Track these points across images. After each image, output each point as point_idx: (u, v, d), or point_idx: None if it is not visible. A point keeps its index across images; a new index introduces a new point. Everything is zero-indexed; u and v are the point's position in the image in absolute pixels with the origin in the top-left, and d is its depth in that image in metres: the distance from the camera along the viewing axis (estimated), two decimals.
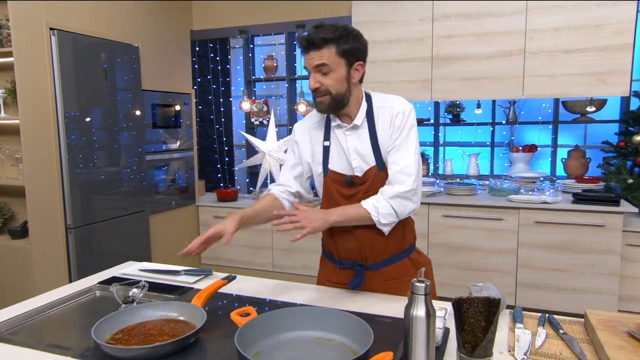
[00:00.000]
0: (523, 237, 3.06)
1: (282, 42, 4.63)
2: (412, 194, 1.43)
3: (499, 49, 3.18)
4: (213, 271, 1.74)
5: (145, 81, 3.44)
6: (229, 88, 4.89)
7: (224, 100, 4.83)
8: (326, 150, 1.54)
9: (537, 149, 3.70)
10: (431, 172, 4.07)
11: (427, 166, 4.00)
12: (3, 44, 2.69)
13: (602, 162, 3.36)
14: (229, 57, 4.91)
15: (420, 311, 1.01)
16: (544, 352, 1.11)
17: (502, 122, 3.85)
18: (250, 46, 4.74)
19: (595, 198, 2.93)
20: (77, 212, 2.89)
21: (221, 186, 4.85)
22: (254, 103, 4.47)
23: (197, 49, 4.59)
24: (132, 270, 1.78)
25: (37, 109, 2.69)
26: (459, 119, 3.95)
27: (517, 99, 3.40)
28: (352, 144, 1.49)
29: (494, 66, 3.21)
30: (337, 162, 1.52)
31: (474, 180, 3.79)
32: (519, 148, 3.71)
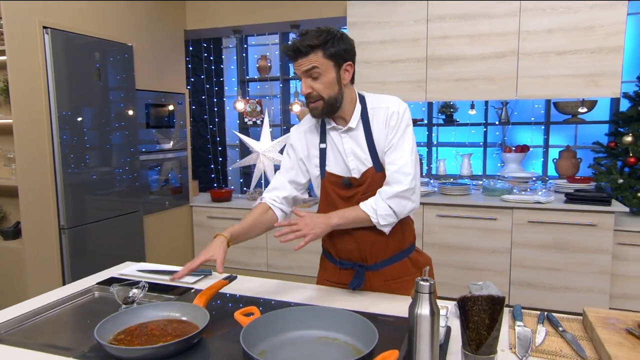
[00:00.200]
0: (516, 237, 3.09)
1: (275, 42, 4.62)
2: (411, 193, 1.44)
3: (492, 50, 3.21)
4: (212, 271, 1.73)
5: (138, 81, 3.41)
6: (222, 88, 4.88)
7: (217, 100, 4.82)
8: (322, 153, 1.54)
9: (529, 149, 3.74)
10: (425, 172, 4.10)
11: (421, 166, 4.02)
12: None
13: (593, 162, 3.41)
14: (222, 57, 4.90)
15: (424, 310, 1.02)
16: (545, 350, 1.13)
17: (496, 122, 3.89)
18: (244, 46, 4.73)
19: (587, 198, 2.97)
20: (70, 213, 2.86)
21: (215, 186, 4.83)
22: (247, 103, 4.46)
23: (190, 48, 4.57)
24: (130, 270, 1.77)
25: (30, 108, 2.66)
26: (452, 120, 3.98)
27: (511, 99, 3.44)
28: (348, 145, 1.50)
29: (487, 67, 3.24)
30: (334, 164, 1.53)
31: (467, 180, 3.82)
32: (511, 148, 3.75)
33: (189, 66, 4.55)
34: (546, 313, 1.32)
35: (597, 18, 2.99)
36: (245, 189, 4.76)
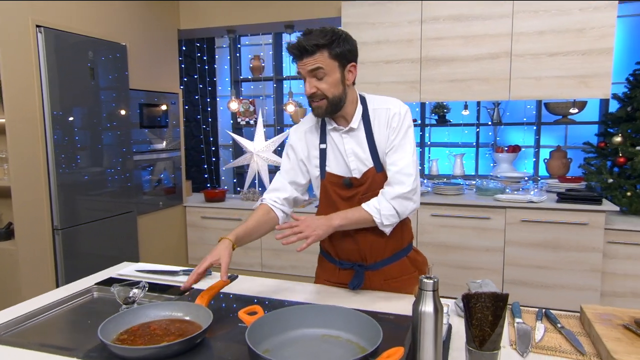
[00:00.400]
0: (510, 236, 3.13)
1: (268, 42, 4.62)
2: (413, 193, 1.45)
3: (486, 52, 3.25)
4: (212, 271, 1.73)
5: (132, 80, 3.39)
6: (215, 88, 4.87)
7: (210, 101, 4.81)
8: (323, 153, 1.55)
9: (520, 149, 3.79)
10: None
11: None
12: None
13: (583, 162, 3.46)
14: (215, 57, 4.89)
15: (428, 307, 1.04)
16: (544, 346, 1.15)
17: (488, 123, 3.93)
18: (238, 46, 4.73)
19: (578, 197, 3.02)
20: (64, 213, 2.83)
21: (208, 187, 4.82)
22: (240, 103, 4.46)
23: (183, 48, 4.55)
24: (129, 270, 1.77)
25: (23, 107, 2.63)
26: (445, 120, 4.02)
27: (504, 100, 3.47)
28: (349, 146, 1.50)
29: (481, 68, 3.27)
30: (334, 164, 1.53)
31: (460, 180, 3.85)
32: (503, 148, 3.79)
33: (182, 66, 4.54)
34: (544, 310, 1.34)
35: (587, 20, 3.03)
36: (238, 189, 4.75)
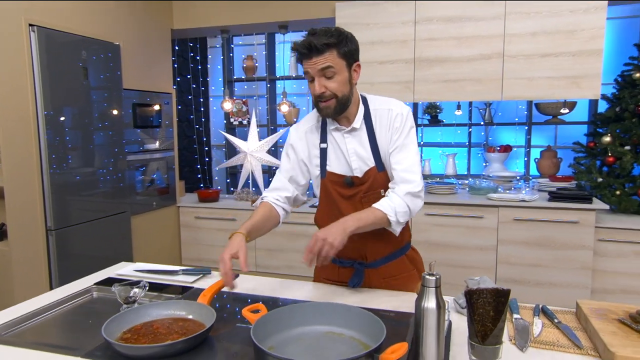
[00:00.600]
0: (502, 234, 3.17)
1: (261, 42, 4.62)
2: (421, 191, 1.46)
3: (479, 52, 3.28)
4: (212, 271, 1.74)
5: (125, 80, 3.38)
6: (207, 88, 4.85)
7: (203, 101, 4.79)
8: (323, 153, 1.56)
9: (511, 149, 3.84)
10: None
11: None
12: None
13: (573, 161, 3.51)
14: (208, 56, 4.87)
15: (431, 303, 1.06)
16: (543, 340, 1.18)
17: (481, 123, 3.97)
18: (231, 46, 4.72)
19: (569, 196, 3.07)
20: (57, 214, 2.81)
21: (201, 187, 4.80)
22: (233, 103, 4.45)
23: (176, 48, 4.53)
24: (127, 270, 1.76)
25: (16, 107, 2.61)
26: (437, 120, 4.05)
27: (497, 100, 3.51)
28: (351, 145, 1.52)
29: (474, 69, 3.31)
30: (336, 163, 1.54)
31: (453, 179, 3.89)
32: (495, 148, 3.84)
33: (175, 66, 4.52)
34: (541, 306, 1.37)
35: (578, 22, 3.09)
36: (232, 189, 4.75)
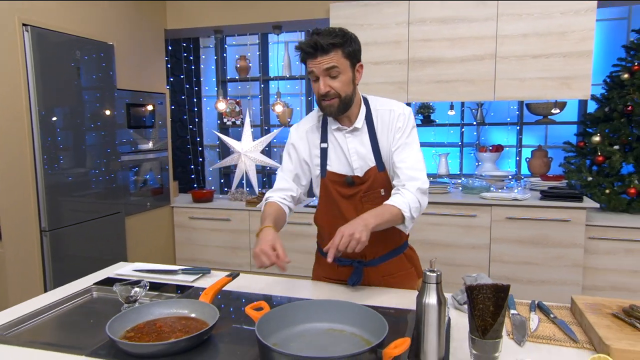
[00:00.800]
0: (495, 233, 3.21)
1: (254, 42, 4.63)
2: (428, 188, 1.48)
3: (472, 53, 3.32)
4: (211, 270, 1.75)
5: (119, 80, 3.37)
6: (200, 88, 4.85)
7: (196, 101, 4.79)
8: (324, 152, 1.57)
9: (503, 148, 3.89)
10: None
11: None
12: None
13: (564, 161, 3.57)
14: (203, 57, 4.87)
15: (432, 299, 1.08)
16: (539, 335, 1.20)
17: (473, 123, 4.02)
18: (225, 46, 4.72)
19: (561, 195, 3.12)
20: (52, 215, 2.80)
21: (194, 187, 4.79)
22: (227, 103, 4.45)
23: (169, 48, 4.52)
24: (126, 270, 1.77)
25: (10, 107, 2.59)
26: (430, 120, 4.09)
27: (489, 101, 3.56)
28: (352, 145, 1.54)
29: (467, 69, 3.35)
30: (336, 163, 1.56)
31: (446, 179, 3.93)
32: (487, 148, 3.89)
33: (168, 66, 4.51)
34: (537, 301, 1.40)
35: (568, 24, 3.14)
36: (225, 189, 4.75)
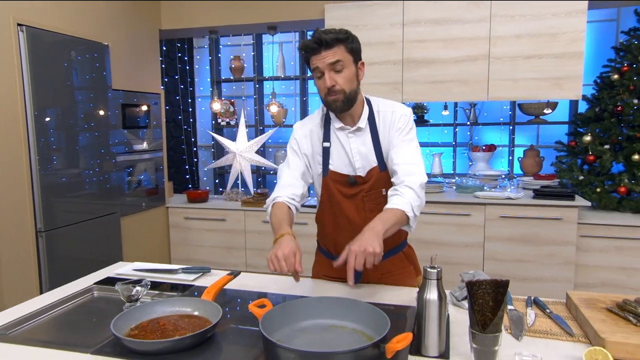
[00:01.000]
0: (489, 231, 3.25)
1: (248, 42, 4.63)
2: (425, 182, 1.50)
3: (465, 54, 3.36)
4: (211, 269, 1.76)
5: (114, 80, 3.36)
6: (194, 88, 4.84)
7: (191, 101, 4.78)
8: (326, 152, 1.59)
9: (495, 148, 3.94)
10: None
11: None
12: None
13: (555, 160, 3.62)
14: (197, 57, 4.86)
15: (432, 295, 1.11)
16: (536, 329, 1.23)
17: (467, 123, 4.06)
18: (220, 46, 4.72)
19: (553, 193, 3.17)
20: (47, 215, 2.79)
21: (189, 187, 4.79)
22: (221, 103, 4.45)
23: (163, 48, 4.52)
24: (126, 270, 1.77)
25: (5, 107, 2.58)
26: (424, 120, 4.13)
27: (483, 101, 3.60)
28: (355, 145, 1.56)
29: (461, 70, 3.39)
30: (339, 162, 1.58)
31: (440, 178, 3.97)
32: (480, 148, 3.93)
33: (162, 66, 4.50)
34: (533, 297, 1.43)
35: (560, 25, 3.19)
36: (220, 189, 4.75)
